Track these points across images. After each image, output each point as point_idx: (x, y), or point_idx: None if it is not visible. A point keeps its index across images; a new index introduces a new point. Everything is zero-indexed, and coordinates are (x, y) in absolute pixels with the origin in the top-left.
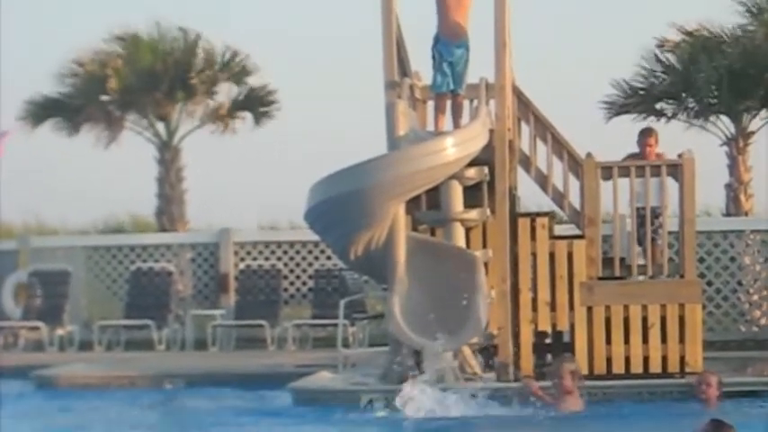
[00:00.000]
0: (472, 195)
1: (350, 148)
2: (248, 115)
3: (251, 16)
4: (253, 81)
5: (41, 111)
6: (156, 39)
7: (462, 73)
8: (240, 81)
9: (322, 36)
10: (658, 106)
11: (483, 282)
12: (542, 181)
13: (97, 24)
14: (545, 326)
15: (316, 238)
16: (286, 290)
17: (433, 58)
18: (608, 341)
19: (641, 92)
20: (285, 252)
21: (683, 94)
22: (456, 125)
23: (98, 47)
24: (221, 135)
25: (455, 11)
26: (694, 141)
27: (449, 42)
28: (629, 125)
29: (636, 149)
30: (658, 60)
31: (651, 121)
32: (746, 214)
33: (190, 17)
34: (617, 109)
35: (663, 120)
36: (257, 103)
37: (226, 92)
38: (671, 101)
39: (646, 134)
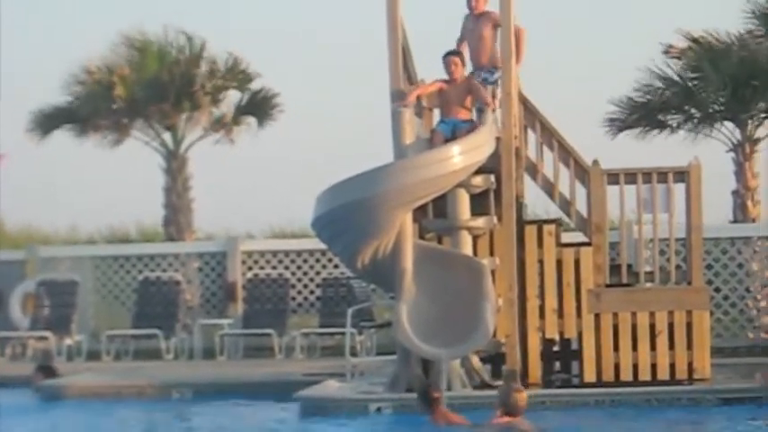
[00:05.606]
0: (479, 203)
1: (356, 156)
2: (252, 120)
3: (254, 23)
4: (255, 85)
5: (49, 120)
6: (163, 46)
7: None
8: (244, 88)
9: (328, 44)
10: (661, 117)
11: (490, 289)
12: (549, 188)
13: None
14: (553, 333)
15: (323, 246)
16: (294, 298)
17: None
18: (616, 348)
19: (643, 105)
20: (293, 261)
21: (686, 106)
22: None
23: (104, 54)
24: (226, 144)
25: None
26: (700, 150)
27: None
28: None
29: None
30: (660, 73)
31: (655, 134)
32: (754, 221)
33: (193, 22)
34: (619, 125)
35: (667, 131)
36: (260, 107)
37: (229, 99)
38: (674, 112)
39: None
